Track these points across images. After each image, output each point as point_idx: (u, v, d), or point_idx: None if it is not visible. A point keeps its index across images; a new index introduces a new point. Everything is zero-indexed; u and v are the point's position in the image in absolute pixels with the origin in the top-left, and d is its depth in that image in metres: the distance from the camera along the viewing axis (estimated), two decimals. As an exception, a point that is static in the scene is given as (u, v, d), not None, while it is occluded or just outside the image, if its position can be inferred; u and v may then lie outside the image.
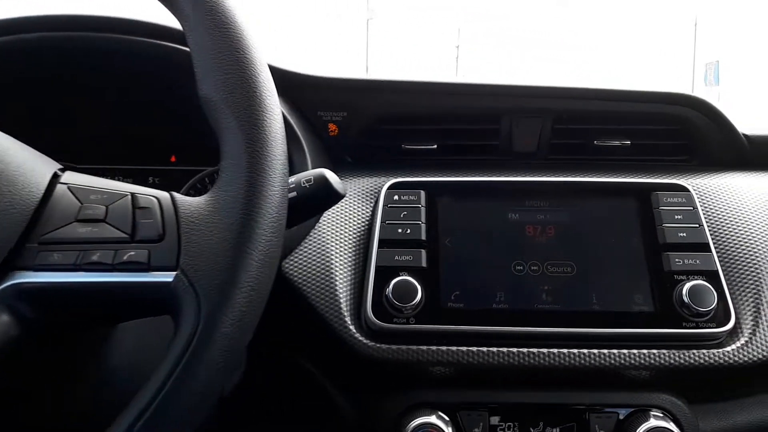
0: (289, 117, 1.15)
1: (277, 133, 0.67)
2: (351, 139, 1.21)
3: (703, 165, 1.21)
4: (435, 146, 1.20)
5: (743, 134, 1.19)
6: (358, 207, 1.15)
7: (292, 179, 0.81)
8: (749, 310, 1.04)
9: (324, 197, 0.84)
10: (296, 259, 1.08)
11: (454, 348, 1.01)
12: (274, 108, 0.68)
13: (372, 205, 1.14)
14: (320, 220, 1.12)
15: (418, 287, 1.01)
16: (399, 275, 1.03)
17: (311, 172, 0.85)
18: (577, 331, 1.01)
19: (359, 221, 1.13)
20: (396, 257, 1.06)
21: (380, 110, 1.18)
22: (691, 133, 1.20)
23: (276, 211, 0.64)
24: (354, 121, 1.19)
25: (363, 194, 1.17)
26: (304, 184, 0.83)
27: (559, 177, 1.19)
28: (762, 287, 1.05)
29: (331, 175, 0.85)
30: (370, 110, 1.19)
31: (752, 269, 1.07)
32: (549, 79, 1.19)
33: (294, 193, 0.80)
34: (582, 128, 1.20)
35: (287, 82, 1.20)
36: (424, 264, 1.05)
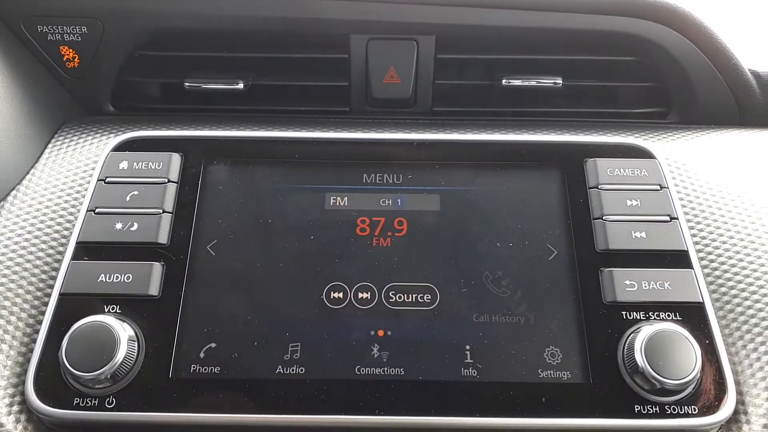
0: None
1: None
2: (104, 74, 0.70)
3: (683, 123, 0.72)
4: (241, 86, 0.69)
5: (750, 71, 0.69)
6: (67, 187, 0.65)
7: None
8: (763, 377, 0.55)
9: None
10: None
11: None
12: None
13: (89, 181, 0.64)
14: None
15: (121, 338, 0.52)
16: (94, 313, 0.54)
17: None
18: (436, 423, 0.52)
19: (60, 212, 0.63)
20: (101, 277, 0.56)
21: (141, 22, 0.68)
22: (662, 69, 0.79)
23: None
24: (104, 42, 0.69)
25: (79, 165, 0.66)
26: None
27: (435, 135, 0.69)
28: None
29: None
30: (124, 21, 0.68)
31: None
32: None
33: None
34: (483, 59, 0.70)
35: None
36: (153, 291, 0.56)
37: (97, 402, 0.53)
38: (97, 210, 0.61)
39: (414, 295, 0.58)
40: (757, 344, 0.57)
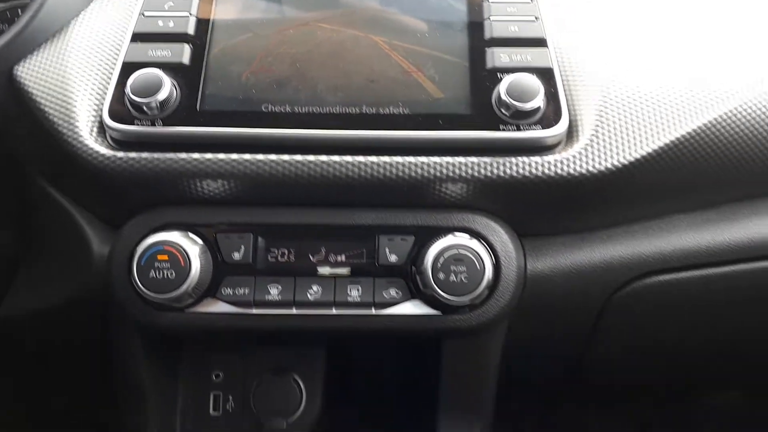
0: None
1: None
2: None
3: None
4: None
5: None
6: (121, 6, 0.93)
7: None
8: (591, 111, 0.83)
9: None
10: (32, 63, 0.86)
11: (209, 156, 0.80)
12: None
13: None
14: (70, 24, 0.91)
15: (166, 81, 0.80)
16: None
17: None
18: (368, 135, 0.80)
19: (120, 20, 0.91)
20: (150, 52, 0.84)
21: None
22: None
23: None
24: None
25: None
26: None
27: None
28: (609, 90, 0.84)
29: None
30: None
31: (599, 70, 0.86)
32: None
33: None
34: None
35: None
36: (184, 60, 0.84)
37: (150, 122, 0.81)
38: (145, 13, 0.89)
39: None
40: (592, 94, 0.84)
